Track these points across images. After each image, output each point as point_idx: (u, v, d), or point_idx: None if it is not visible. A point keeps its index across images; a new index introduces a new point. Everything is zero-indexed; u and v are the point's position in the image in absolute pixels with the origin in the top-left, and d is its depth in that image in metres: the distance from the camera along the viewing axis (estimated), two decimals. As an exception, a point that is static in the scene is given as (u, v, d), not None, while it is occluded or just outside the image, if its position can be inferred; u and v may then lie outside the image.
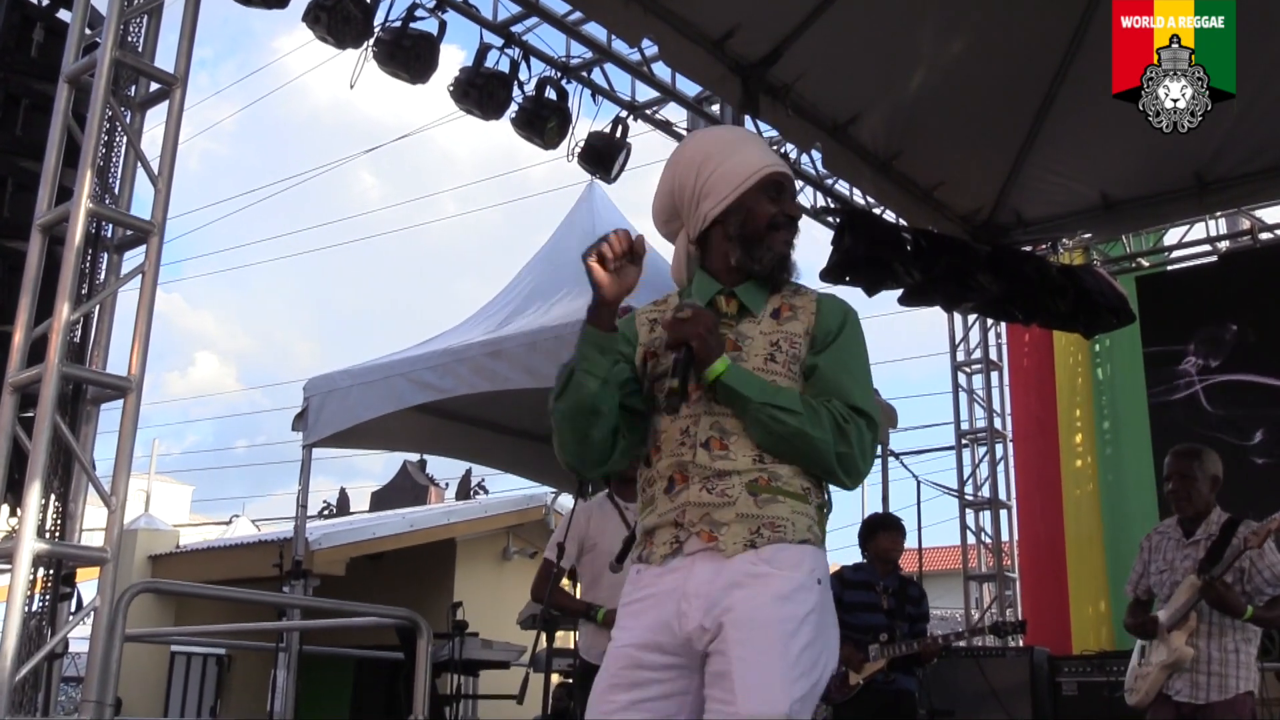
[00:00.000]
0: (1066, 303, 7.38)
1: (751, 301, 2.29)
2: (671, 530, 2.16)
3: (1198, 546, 4.27)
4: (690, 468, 2.17)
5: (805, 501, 2.17)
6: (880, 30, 6.18)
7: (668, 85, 6.26)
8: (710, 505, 2.13)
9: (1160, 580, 4.37)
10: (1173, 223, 8.21)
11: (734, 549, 2.09)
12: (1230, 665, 4.18)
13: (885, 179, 6.93)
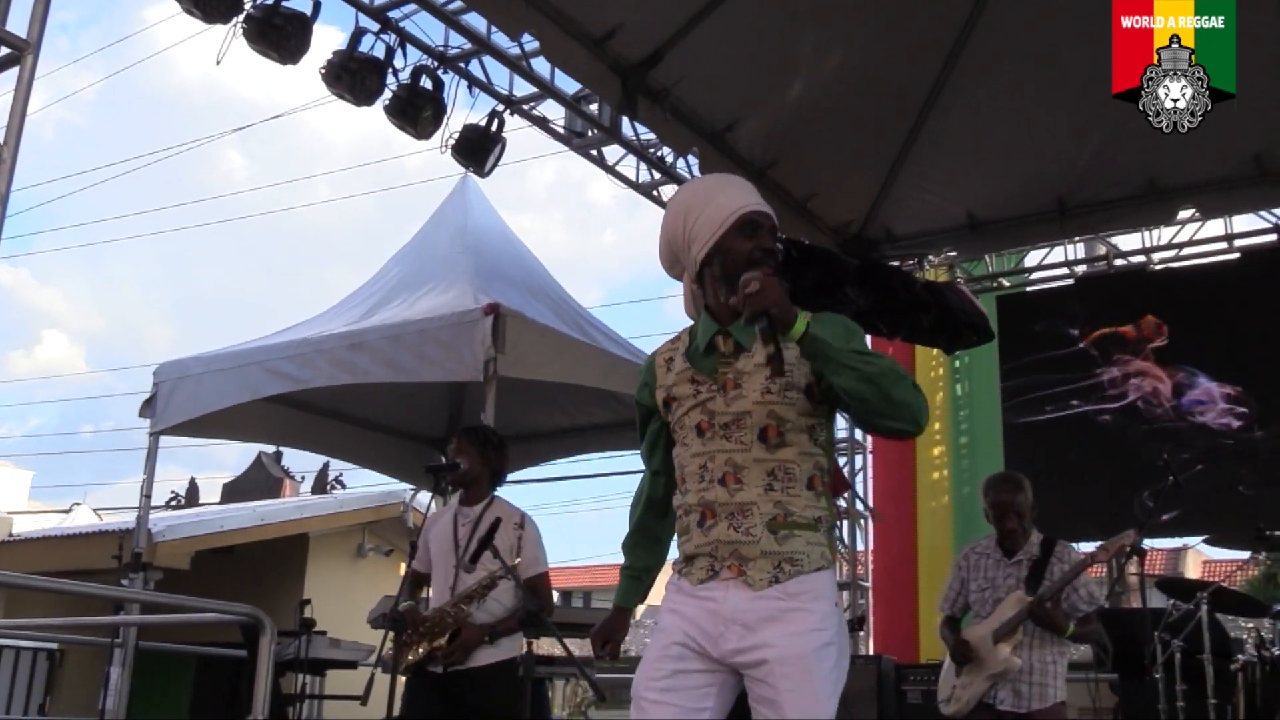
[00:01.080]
0: (930, 318, 7.52)
1: (745, 339, 2.52)
2: (707, 560, 2.51)
3: (1020, 566, 4.61)
4: (716, 506, 2.50)
5: (816, 530, 2.51)
6: (761, 39, 6.20)
7: (546, 81, 6.16)
8: (738, 543, 2.47)
9: (982, 597, 4.68)
10: (1034, 245, 8.45)
11: (760, 584, 2.45)
12: (1049, 675, 4.52)
13: (760, 187, 6.92)
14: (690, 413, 2.57)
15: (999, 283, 8.96)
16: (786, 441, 2.50)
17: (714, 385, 2.55)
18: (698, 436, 2.54)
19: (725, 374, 2.53)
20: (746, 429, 2.51)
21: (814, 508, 2.51)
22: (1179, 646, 5.44)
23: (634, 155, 6.79)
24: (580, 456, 9.47)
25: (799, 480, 2.51)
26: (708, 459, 2.53)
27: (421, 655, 4.28)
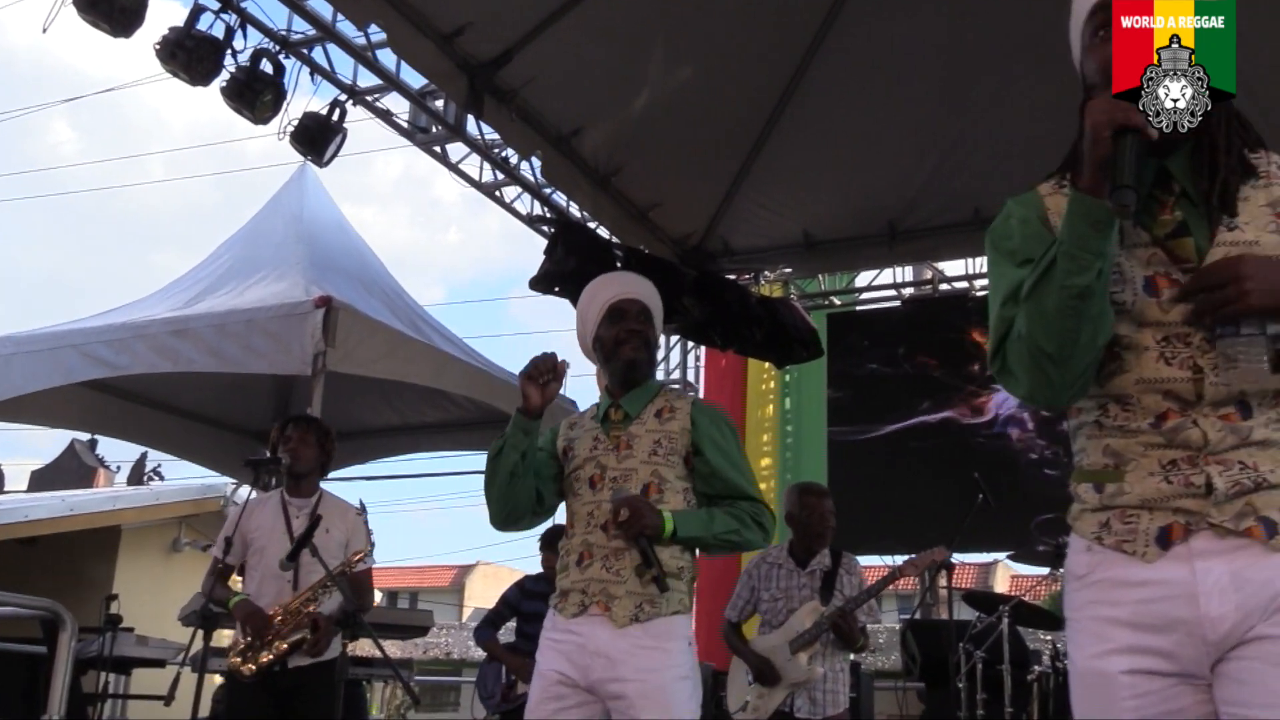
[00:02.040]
0: (762, 332, 7.69)
1: (633, 408, 3.00)
2: (579, 596, 2.86)
3: (814, 576, 4.74)
4: (594, 548, 2.88)
5: (679, 578, 2.88)
6: (611, 48, 6.24)
7: (391, 74, 6.07)
8: (607, 581, 2.84)
9: (774, 607, 4.80)
10: (866, 267, 8.71)
11: (623, 620, 2.79)
12: (839, 683, 4.72)
13: (603, 194, 6.99)
14: (585, 466, 2.98)
15: (830, 301, 9.23)
16: (664, 499, 2.90)
17: (609, 445, 2.97)
18: (589, 488, 2.95)
19: (618, 436, 2.97)
20: (632, 484, 2.91)
21: (678, 560, 2.88)
22: (981, 657, 5.68)
23: (478, 154, 6.74)
24: (411, 456, 9.35)
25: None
26: (595, 507, 2.92)
27: (280, 653, 4.15)
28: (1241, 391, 1.67)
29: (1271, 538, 1.64)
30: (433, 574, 37.78)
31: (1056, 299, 1.64)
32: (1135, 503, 1.71)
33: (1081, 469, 1.81)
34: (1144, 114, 1.63)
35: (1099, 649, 1.71)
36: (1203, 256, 1.69)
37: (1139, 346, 1.71)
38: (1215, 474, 1.66)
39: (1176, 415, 1.69)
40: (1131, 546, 1.70)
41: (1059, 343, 1.66)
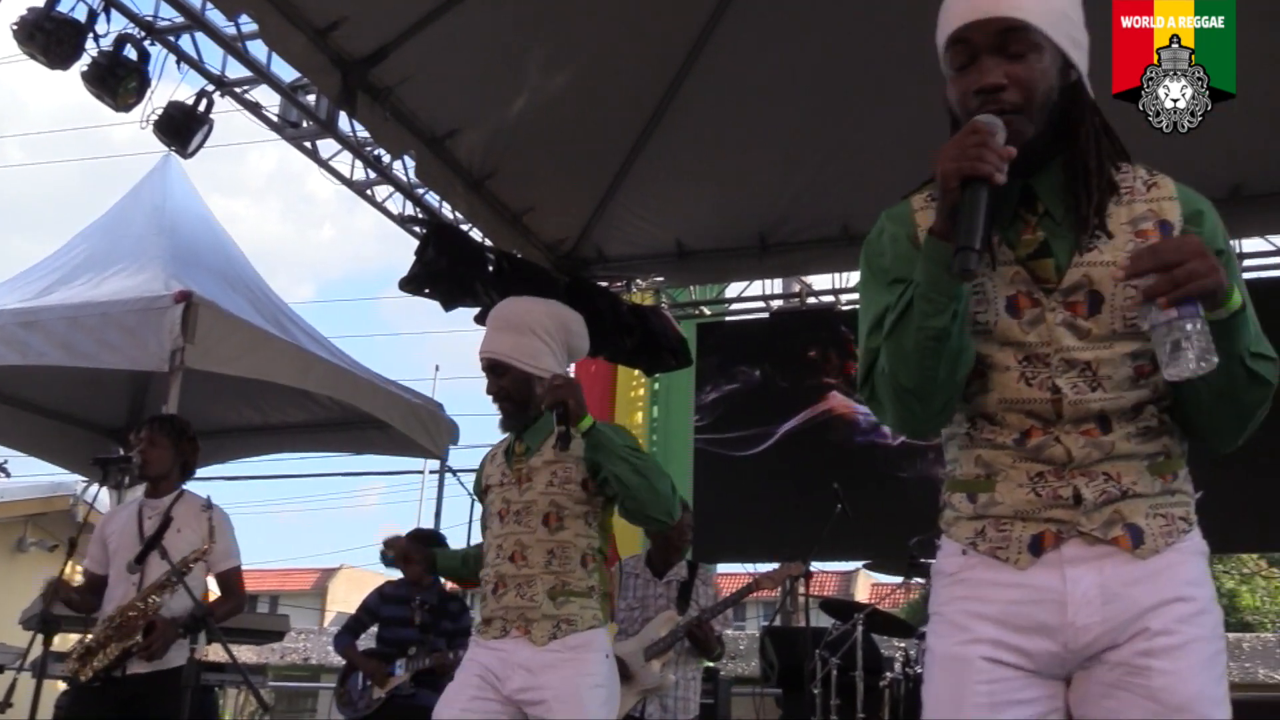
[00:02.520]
0: (633, 340, 7.74)
1: (533, 441, 3.19)
2: (500, 622, 3.09)
3: (670, 586, 4.83)
4: (507, 578, 3.10)
5: (589, 597, 3.10)
6: (489, 50, 6.21)
7: (262, 66, 5.92)
8: (524, 608, 3.06)
9: (631, 616, 4.89)
10: (736, 278, 8.82)
11: (542, 640, 3.02)
12: (690, 690, 4.87)
13: (477, 197, 6.95)
14: (494, 500, 3.20)
15: (700, 310, 9.32)
16: (564, 525, 3.09)
17: (512, 480, 3.17)
18: (499, 522, 3.16)
19: (520, 470, 3.17)
20: (533, 515, 3.10)
21: (586, 580, 3.10)
22: (836, 664, 5.80)
23: (350, 152, 6.63)
24: (273, 456, 9.17)
25: (574, 559, 3.09)
26: (503, 539, 3.13)
27: (113, 658, 4.02)
28: (1101, 409, 1.72)
29: (1137, 546, 1.71)
30: (294, 577, 37.02)
31: (914, 339, 1.68)
32: (1008, 513, 1.76)
33: (955, 479, 1.86)
34: (993, 159, 1.62)
35: (962, 638, 1.76)
36: (1062, 276, 1.74)
37: (1000, 366, 1.76)
38: (1082, 485, 1.72)
39: (1040, 433, 1.74)
40: (1005, 553, 1.75)
41: (918, 380, 1.71)
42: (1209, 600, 1.75)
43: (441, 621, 5.75)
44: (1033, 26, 1.71)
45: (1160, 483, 1.75)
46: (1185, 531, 1.76)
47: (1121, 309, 1.72)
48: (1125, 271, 1.63)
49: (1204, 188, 6.15)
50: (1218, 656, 1.72)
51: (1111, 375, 1.73)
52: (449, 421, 7.60)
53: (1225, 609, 6.93)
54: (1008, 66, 1.71)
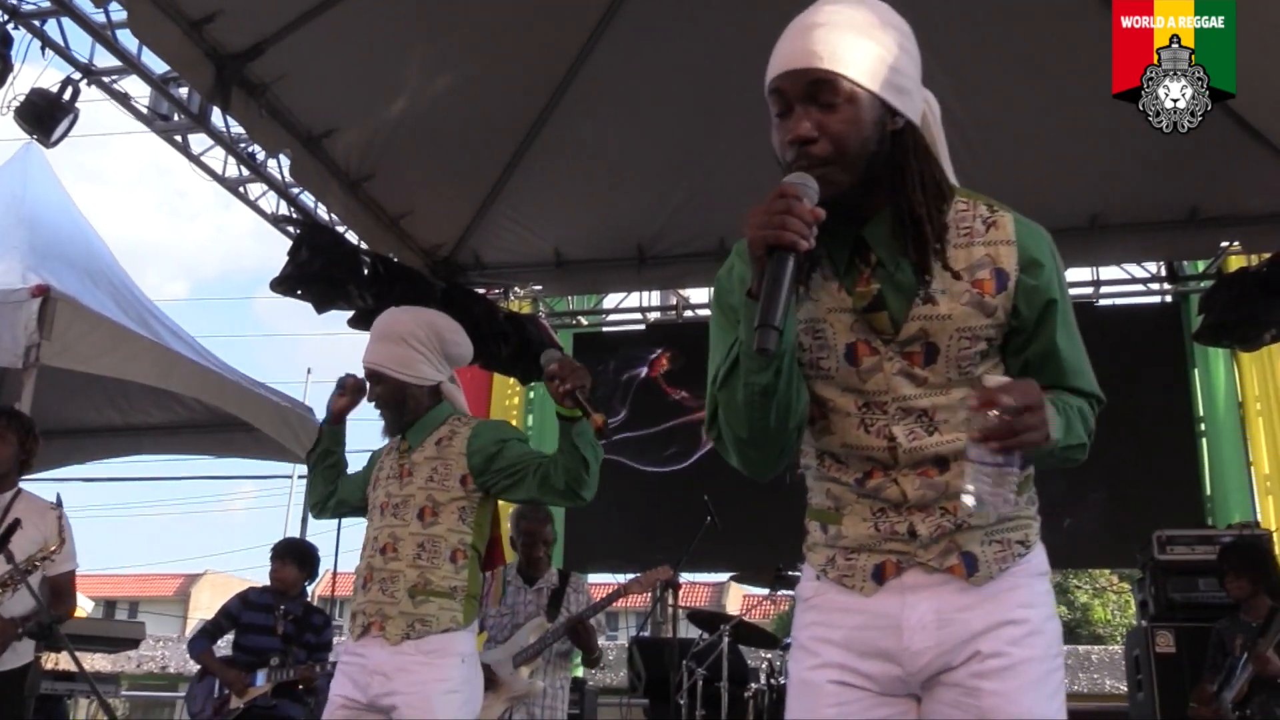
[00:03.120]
0: (509, 348, 7.71)
1: (415, 439, 3.32)
2: (362, 618, 3.12)
3: (541, 594, 4.86)
4: (375, 571, 3.15)
5: (451, 598, 3.13)
6: (370, 50, 6.12)
7: (132, 56, 5.74)
8: (383, 603, 3.10)
9: (501, 623, 4.90)
10: (614, 289, 8.86)
11: (396, 639, 3.06)
12: (558, 699, 4.89)
13: (353, 199, 6.84)
14: (379, 494, 3.29)
15: (578, 320, 9.33)
16: (439, 520, 3.16)
17: (395, 474, 3.28)
18: (379, 515, 3.24)
19: (403, 464, 3.28)
20: (410, 509, 3.19)
21: (453, 579, 3.14)
22: (702, 674, 5.85)
23: (222, 148, 6.48)
24: (134, 457, 8.89)
25: (443, 553, 3.15)
26: (379, 532, 3.21)
27: None
28: (937, 453, 1.78)
29: (971, 574, 1.78)
30: (156, 583, 36.00)
31: (742, 394, 1.71)
32: (852, 545, 1.83)
33: (811, 507, 1.93)
34: (798, 227, 1.57)
35: (812, 663, 1.83)
36: (899, 329, 1.77)
37: (842, 411, 1.81)
38: (918, 522, 1.79)
39: (879, 475, 1.81)
40: (851, 581, 1.83)
41: (750, 430, 1.74)
42: (1043, 620, 1.82)
43: (305, 634, 5.65)
44: (843, 78, 1.70)
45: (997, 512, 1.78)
46: (1021, 555, 1.84)
47: (956, 359, 1.77)
48: (977, 400, 1.61)
49: (1064, 217, 6.42)
50: (1050, 675, 1.79)
51: (948, 419, 1.78)
52: (318, 425, 7.46)
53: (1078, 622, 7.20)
54: (819, 117, 1.70)
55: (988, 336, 1.78)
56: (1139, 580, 6.71)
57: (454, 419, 3.36)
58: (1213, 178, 6.76)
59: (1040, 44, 6.25)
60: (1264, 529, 6.49)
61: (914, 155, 1.78)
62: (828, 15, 1.75)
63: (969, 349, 1.76)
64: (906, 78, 1.79)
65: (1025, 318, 1.79)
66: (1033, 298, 1.79)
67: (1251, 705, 4.94)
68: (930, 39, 6.50)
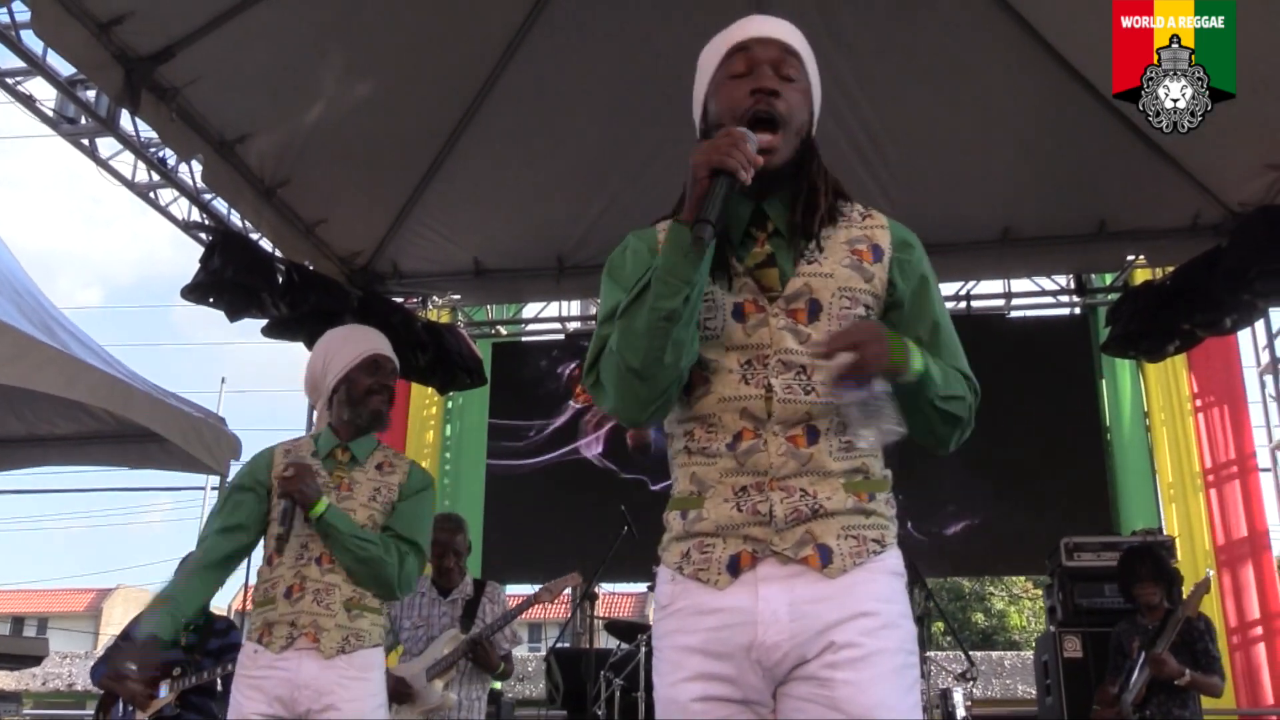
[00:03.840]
0: (427, 358, 7.66)
1: (360, 453, 3.29)
2: (287, 628, 3.04)
3: (455, 605, 4.83)
4: (309, 581, 3.08)
5: (378, 614, 3.19)
6: (285, 55, 6.05)
7: (37, 58, 5.60)
8: (318, 614, 3.06)
9: (415, 635, 4.86)
10: (533, 298, 8.83)
11: (330, 652, 3.04)
12: (474, 710, 4.85)
13: (267, 206, 6.74)
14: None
15: (496, 330, 9.29)
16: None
17: (330, 484, 3.19)
18: (305, 522, 3.12)
19: (342, 477, 3.23)
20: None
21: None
22: (620, 685, 5.85)
23: (132, 153, 6.35)
24: (41, 469, 8.66)
25: None
26: (309, 539, 3.13)
27: None
28: (808, 412, 1.84)
29: (826, 565, 1.80)
30: (66, 598, 35.13)
31: (646, 319, 1.77)
32: (711, 529, 1.85)
33: (673, 498, 1.96)
34: (741, 159, 1.76)
35: (674, 677, 1.84)
36: (786, 283, 1.89)
37: (724, 369, 1.87)
38: (777, 501, 1.82)
39: (751, 435, 1.85)
40: (706, 575, 1.84)
41: (644, 360, 1.79)
42: (898, 615, 1.85)
43: (208, 640, 5.56)
44: (804, 62, 1.96)
45: (854, 500, 1.85)
46: (876, 553, 1.87)
47: (838, 316, 1.87)
48: (824, 349, 1.78)
49: (977, 230, 6.54)
50: (906, 669, 1.82)
51: (824, 381, 1.84)
52: (231, 437, 7.34)
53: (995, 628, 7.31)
54: (780, 85, 1.90)
55: (865, 302, 1.90)
56: (1048, 586, 6.84)
57: (384, 447, 3.40)
58: (1119, 193, 6.94)
59: (955, 60, 6.37)
60: (1167, 535, 6.66)
61: (818, 159, 1.99)
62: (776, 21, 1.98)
63: (849, 309, 1.88)
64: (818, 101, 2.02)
65: (901, 290, 1.94)
66: (906, 270, 1.96)
67: (1150, 706, 5.07)
68: (847, 54, 6.65)
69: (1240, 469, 7.62)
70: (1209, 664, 5.07)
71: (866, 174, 6.78)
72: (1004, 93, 6.52)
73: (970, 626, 24.41)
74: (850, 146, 6.59)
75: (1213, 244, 6.76)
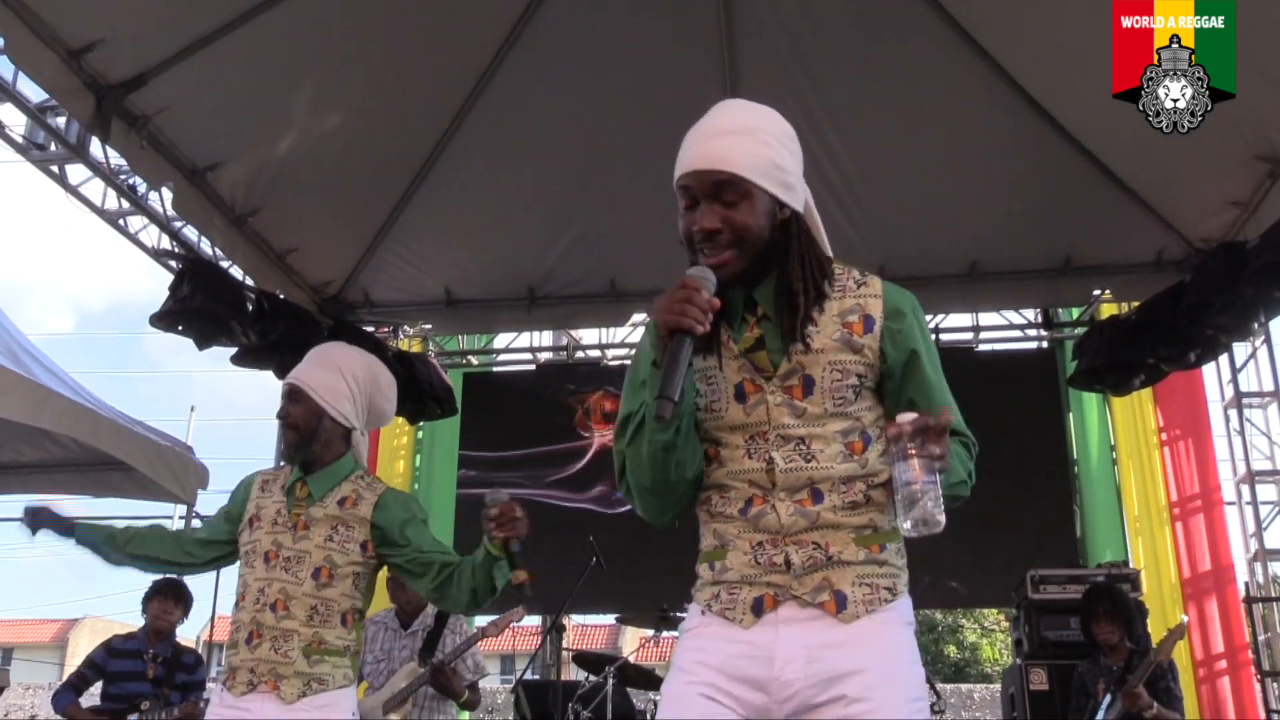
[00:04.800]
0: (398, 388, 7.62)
1: (318, 489, 3.13)
2: (248, 675, 2.98)
3: (415, 637, 4.81)
4: (264, 628, 2.99)
5: (343, 655, 3.06)
6: (258, 84, 6.06)
7: (6, 83, 5.60)
8: (276, 662, 2.97)
9: (377, 669, 4.84)
10: (504, 329, 8.84)
11: (292, 697, 2.95)
12: None
13: (238, 234, 6.73)
14: (262, 540, 3.09)
15: (468, 360, 9.29)
16: (334, 584, 3.05)
17: (288, 523, 3.09)
18: (264, 563, 3.06)
19: (299, 515, 3.10)
20: (304, 566, 3.04)
21: (345, 639, 3.06)
22: (588, 717, 5.82)
23: (102, 179, 6.33)
24: (3, 496, 8.57)
25: (335, 616, 3.05)
26: (266, 585, 3.04)
27: None
28: (810, 478, 1.97)
29: (841, 611, 1.93)
30: (32, 629, 34.68)
31: (647, 449, 1.98)
32: (735, 579, 2.00)
33: (701, 551, 2.11)
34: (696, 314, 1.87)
35: (686, 680, 1.98)
36: (778, 367, 2.02)
37: (731, 445, 2.04)
38: (792, 552, 1.95)
39: (761, 501, 1.99)
40: (733, 614, 1.99)
41: (653, 481, 2.01)
42: (908, 663, 1.97)
43: (176, 674, 5.52)
44: (742, 179, 1.98)
45: (867, 553, 1.99)
46: (888, 601, 1.99)
47: (830, 390, 2.01)
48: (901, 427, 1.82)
49: (945, 264, 6.60)
50: (915, 705, 1.93)
51: (824, 450, 1.99)
52: (199, 465, 7.29)
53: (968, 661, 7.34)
54: (723, 213, 1.98)
55: (858, 372, 2.03)
56: (1014, 619, 6.86)
57: (356, 477, 3.20)
58: (1085, 229, 7.02)
59: (925, 99, 6.45)
60: (1133, 568, 6.69)
61: (797, 239, 2.05)
62: (728, 122, 2.04)
63: (841, 381, 2.01)
64: (792, 175, 2.05)
65: (893, 360, 2.05)
66: (897, 340, 2.06)
67: (1117, 746, 5.08)
68: (819, 94, 6.70)
69: (1205, 502, 7.68)
70: (1170, 702, 5.10)
71: (838, 210, 6.83)
72: (972, 130, 6.60)
73: (943, 659, 24.43)
74: (822, 183, 6.64)
75: (1176, 279, 6.85)
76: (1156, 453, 7.90)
